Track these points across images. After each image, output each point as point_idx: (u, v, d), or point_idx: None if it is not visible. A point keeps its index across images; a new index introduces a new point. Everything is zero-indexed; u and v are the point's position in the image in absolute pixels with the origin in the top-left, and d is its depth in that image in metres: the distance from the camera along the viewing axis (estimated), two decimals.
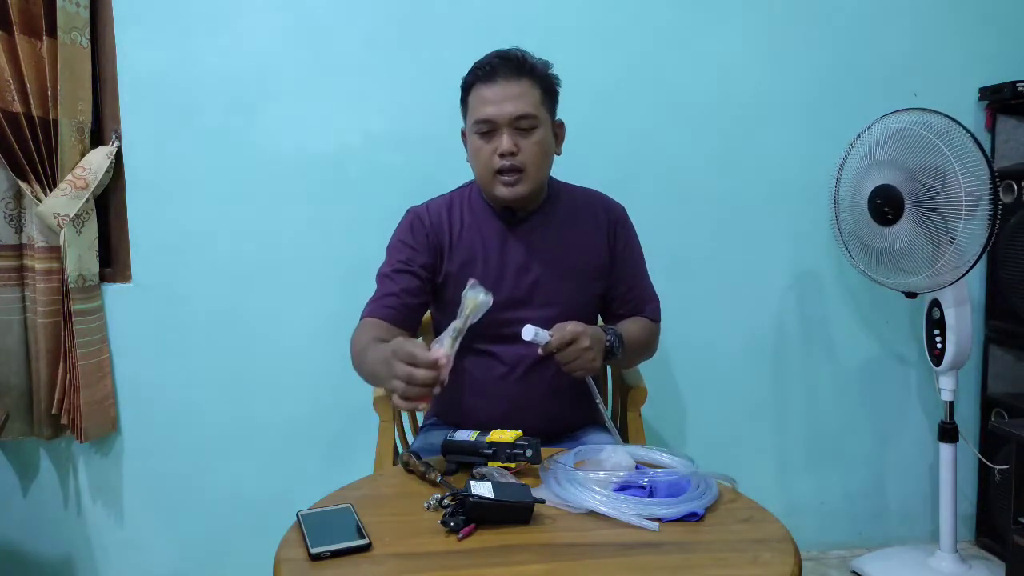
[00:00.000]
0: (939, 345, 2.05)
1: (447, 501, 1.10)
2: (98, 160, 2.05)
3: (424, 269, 1.55)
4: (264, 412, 2.19)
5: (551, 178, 1.63)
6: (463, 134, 1.58)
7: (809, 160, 2.27)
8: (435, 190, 1.68)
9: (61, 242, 2.01)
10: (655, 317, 1.67)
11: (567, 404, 1.56)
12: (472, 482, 1.10)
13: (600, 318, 1.67)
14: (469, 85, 1.51)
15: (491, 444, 1.24)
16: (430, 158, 2.13)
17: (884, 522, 2.44)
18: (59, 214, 1.98)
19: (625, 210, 1.68)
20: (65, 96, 1.97)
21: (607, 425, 1.53)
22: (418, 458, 1.27)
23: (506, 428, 1.29)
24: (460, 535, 1.04)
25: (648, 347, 1.66)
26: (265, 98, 2.12)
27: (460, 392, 1.56)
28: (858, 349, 2.38)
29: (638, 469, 1.21)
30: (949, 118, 1.88)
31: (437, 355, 1.16)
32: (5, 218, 2.05)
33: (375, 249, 1.65)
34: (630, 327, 1.57)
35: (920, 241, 1.90)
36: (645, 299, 1.66)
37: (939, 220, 1.86)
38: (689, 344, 2.29)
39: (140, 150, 2.11)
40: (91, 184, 2.02)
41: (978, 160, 1.82)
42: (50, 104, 1.98)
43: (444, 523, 1.06)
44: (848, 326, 2.37)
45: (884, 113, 2.00)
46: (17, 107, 1.95)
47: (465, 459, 1.26)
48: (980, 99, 2.32)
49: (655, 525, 1.07)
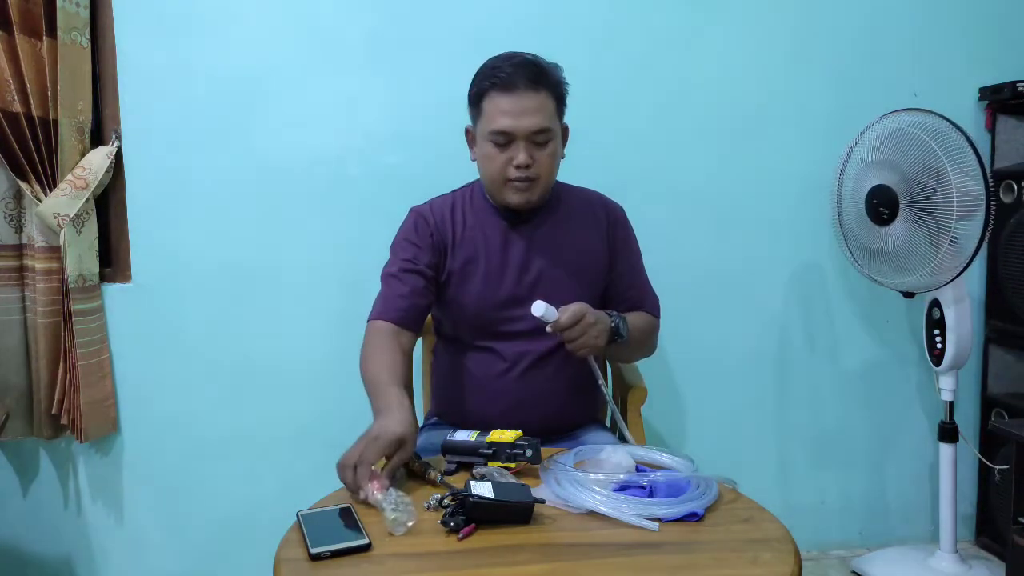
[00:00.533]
0: (939, 345, 2.05)
1: (447, 501, 1.10)
2: (98, 160, 2.04)
3: (429, 268, 1.55)
4: (264, 412, 2.19)
5: None
6: (467, 132, 1.58)
7: (809, 160, 2.27)
8: (435, 190, 1.68)
9: (61, 242, 2.01)
10: (655, 312, 1.68)
11: (567, 401, 1.57)
12: (472, 482, 1.10)
13: None
14: (483, 90, 1.49)
15: (491, 444, 1.24)
16: (430, 158, 2.13)
17: (884, 522, 2.44)
18: (59, 214, 1.98)
19: (623, 210, 1.70)
20: (65, 96, 1.97)
21: (608, 404, 1.53)
22: (418, 458, 1.27)
23: (506, 425, 1.29)
24: (460, 535, 1.05)
25: (650, 338, 1.67)
26: (265, 98, 2.12)
27: (460, 389, 1.58)
28: (858, 349, 2.38)
29: (638, 470, 1.21)
30: (945, 119, 1.88)
31: (367, 484, 1.13)
32: (5, 218, 2.05)
33: (375, 248, 1.65)
34: (632, 316, 1.59)
35: (915, 241, 1.91)
36: (644, 295, 1.68)
37: (936, 220, 1.86)
38: (689, 344, 2.29)
39: (140, 150, 2.11)
40: (91, 184, 2.02)
41: (973, 161, 1.82)
42: (50, 104, 1.98)
43: (444, 523, 1.06)
44: (848, 326, 2.37)
45: (884, 113, 2.00)
46: (17, 107, 1.95)
47: (465, 459, 1.27)
48: (980, 99, 2.32)
49: (655, 525, 1.07)
